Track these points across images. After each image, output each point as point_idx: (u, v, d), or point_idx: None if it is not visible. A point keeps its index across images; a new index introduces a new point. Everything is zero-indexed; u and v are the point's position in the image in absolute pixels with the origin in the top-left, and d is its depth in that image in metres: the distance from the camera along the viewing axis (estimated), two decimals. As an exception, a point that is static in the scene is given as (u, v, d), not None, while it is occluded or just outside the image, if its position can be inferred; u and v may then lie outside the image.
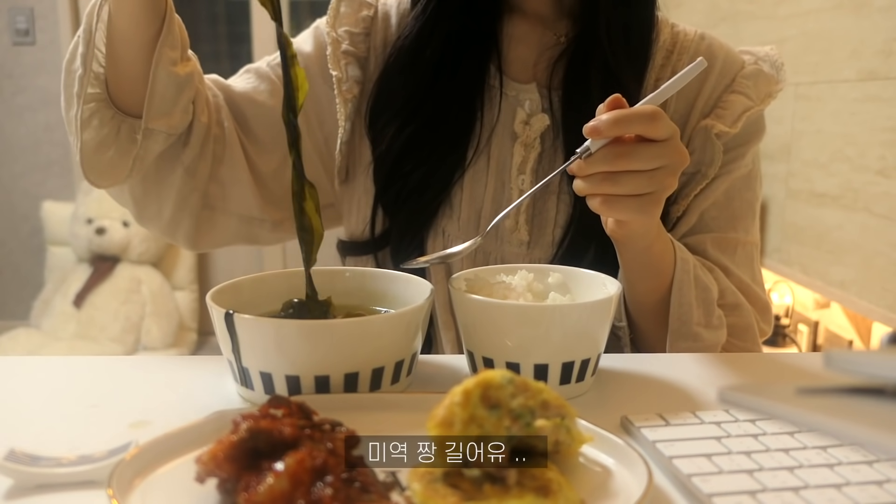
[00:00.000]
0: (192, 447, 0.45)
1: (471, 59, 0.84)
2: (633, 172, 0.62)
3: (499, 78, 0.84)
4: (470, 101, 0.84)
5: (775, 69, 0.85)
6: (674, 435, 0.49)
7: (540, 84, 0.84)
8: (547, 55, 0.84)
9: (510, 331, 0.56)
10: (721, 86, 0.83)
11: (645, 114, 0.61)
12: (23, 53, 3.23)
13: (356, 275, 0.67)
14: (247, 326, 0.53)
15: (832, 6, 1.58)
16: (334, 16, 0.88)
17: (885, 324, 1.46)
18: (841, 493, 0.42)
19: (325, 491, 0.37)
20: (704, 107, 0.82)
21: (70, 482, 0.44)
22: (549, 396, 0.43)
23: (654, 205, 0.64)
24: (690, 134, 0.82)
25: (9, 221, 3.35)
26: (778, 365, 0.70)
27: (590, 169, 0.62)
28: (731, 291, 0.80)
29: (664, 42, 0.84)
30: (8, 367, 0.66)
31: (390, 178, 0.84)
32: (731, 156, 0.82)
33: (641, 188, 0.62)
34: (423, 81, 0.83)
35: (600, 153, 0.62)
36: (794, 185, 1.74)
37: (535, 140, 0.82)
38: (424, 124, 0.82)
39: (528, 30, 0.86)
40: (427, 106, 0.83)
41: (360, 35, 0.87)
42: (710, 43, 0.85)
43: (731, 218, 0.83)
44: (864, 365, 0.32)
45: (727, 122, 0.81)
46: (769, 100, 0.84)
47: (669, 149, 0.62)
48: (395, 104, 0.84)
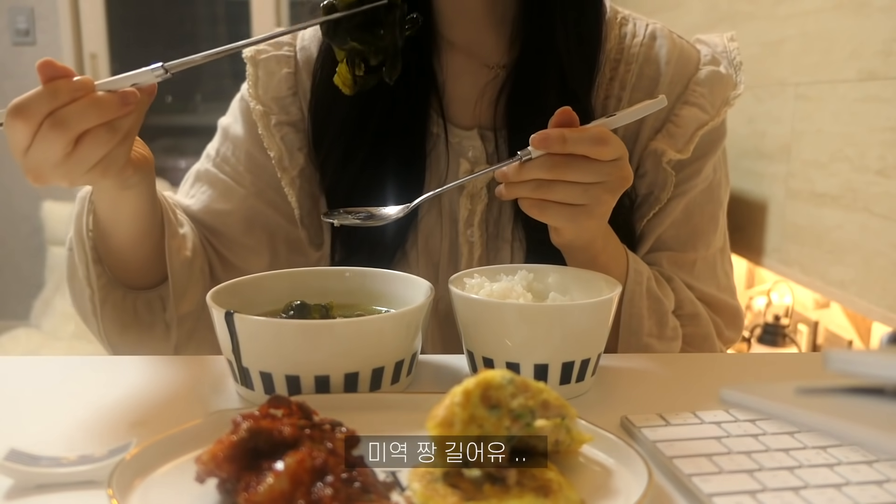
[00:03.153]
0: (192, 447, 0.45)
1: (410, 106, 0.78)
2: (567, 183, 0.62)
3: (442, 125, 0.79)
4: (414, 154, 0.79)
5: (733, 68, 0.81)
6: (674, 435, 0.49)
7: (483, 127, 0.80)
8: (487, 93, 0.79)
9: (510, 331, 0.56)
10: (672, 95, 0.78)
11: (594, 137, 0.61)
12: (23, 53, 3.23)
13: (356, 275, 0.67)
14: (247, 326, 0.53)
15: (832, 6, 1.58)
16: (254, 84, 0.82)
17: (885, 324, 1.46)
18: (841, 493, 0.42)
19: (325, 491, 0.37)
20: (655, 122, 0.79)
21: (70, 482, 0.43)
22: (549, 396, 0.43)
23: (586, 216, 0.64)
24: (641, 154, 0.79)
25: (9, 221, 3.35)
26: (778, 365, 0.70)
27: (526, 174, 0.62)
28: (690, 301, 0.79)
29: (610, 50, 0.79)
30: (8, 367, 0.66)
31: (342, 240, 0.81)
32: (686, 174, 0.79)
33: (574, 199, 0.62)
34: (360, 135, 0.78)
35: (539, 160, 0.62)
36: (794, 185, 1.74)
37: (482, 190, 0.79)
38: (369, 182, 0.77)
39: (465, 65, 0.81)
40: (369, 160, 0.78)
41: (287, 97, 0.82)
42: (660, 45, 0.80)
43: (691, 235, 0.81)
44: (864, 365, 0.32)
45: (679, 145, 0.77)
46: (726, 108, 0.79)
47: (612, 168, 0.62)
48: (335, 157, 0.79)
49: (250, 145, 0.83)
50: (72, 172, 0.56)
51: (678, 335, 0.77)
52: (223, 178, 0.83)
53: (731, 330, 0.83)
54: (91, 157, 0.55)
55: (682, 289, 0.79)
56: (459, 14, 0.80)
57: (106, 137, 0.55)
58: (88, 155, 0.55)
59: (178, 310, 0.75)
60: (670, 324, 0.76)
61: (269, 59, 0.83)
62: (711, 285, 0.82)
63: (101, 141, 0.55)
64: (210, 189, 0.83)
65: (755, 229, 1.88)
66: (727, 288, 0.84)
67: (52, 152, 0.54)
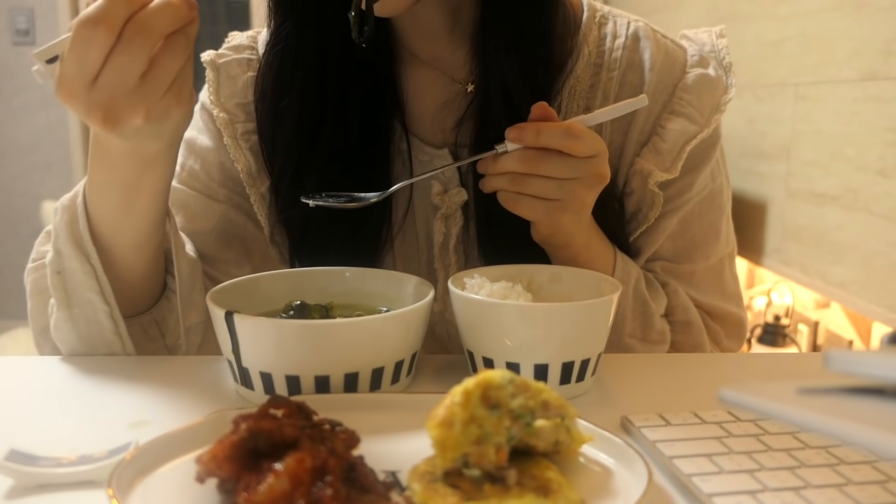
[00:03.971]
0: (192, 447, 0.45)
1: (372, 120, 0.73)
2: (542, 177, 0.62)
3: (405, 140, 0.75)
4: (380, 172, 0.75)
5: (723, 69, 0.76)
6: (674, 435, 0.49)
7: (451, 144, 0.75)
8: (452, 111, 0.74)
9: (510, 331, 0.56)
10: (658, 105, 0.74)
11: (567, 131, 0.61)
12: (23, 53, 3.24)
13: (356, 275, 0.67)
14: (247, 326, 0.53)
15: (832, 6, 1.58)
16: (215, 90, 0.76)
17: (885, 324, 1.46)
18: (842, 493, 0.42)
19: (325, 491, 0.37)
20: (640, 134, 0.74)
21: (70, 482, 0.43)
22: (549, 396, 0.43)
23: (560, 211, 0.64)
24: (627, 172, 0.75)
25: (9, 221, 3.35)
26: (778, 365, 0.70)
27: (500, 167, 0.63)
28: (683, 309, 0.77)
29: (589, 54, 0.74)
30: (8, 367, 0.66)
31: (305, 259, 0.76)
32: (676, 189, 0.75)
33: (548, 193, 0.63)
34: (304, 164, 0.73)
35: (514, 154, 0.63)
36: (794, 185, 1.74)
37: (457, 212, 0.75)
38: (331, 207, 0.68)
39: (430, 79, 0.76)
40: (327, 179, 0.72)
41: (252, 103, 0.76)
42: (644, 47, 0.74)
43: (688, 247, 0.78)
44: (864, 365, 0.32)
45: (666, 163, 0.73)
46: (716, 117, 0.74)
47: (587, 164, 0.62)
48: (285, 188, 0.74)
49: (222, 156, 0.78)
50: (149, 97, 0.50)
51: (665, 339, 0.76)
52: (194, 194, 0.77)
53: (732, 339, 0.82)
54: (169, 71, 0.50)
55: (678, 295, 0.77)
56: (418, 30, 0.76)
57: (182, 44, 0.50)
58: (168, 68, 0.50)
59: (184, 320, 0.68)
60: (656, 327, 0.74)
61: (230, 63, 0.78)
62: (715, 294, 0.80)
63: (179, 49, 0.50)
64: (182, 210, 0.77)
65: (755, 229, 1.88)
66: (733, 296, 0.82)
67: (133, 68, 0.48)
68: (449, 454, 0.40)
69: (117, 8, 0.47)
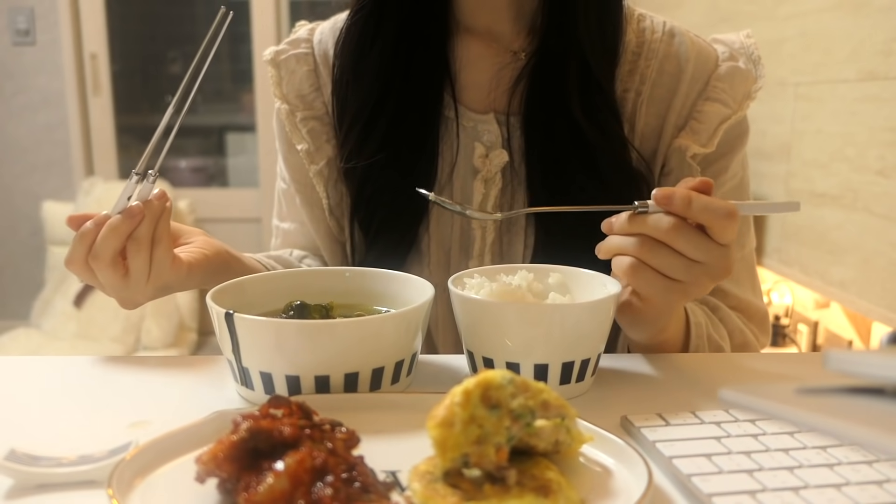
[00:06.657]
0: (192, 447, 0.45)
1: (423, 90, 0.80)
2: (674, 252, 0.57)
3: (454, 108, 0.80)
4: (427, 137, 0.80)
5: (752, 63, 0.79)
6: (674, 435, 0.49)
7: (498, 111, 0.80)
8: (504, 78, 0.80)
9: (510, 331, 0.56)
10: (694, 92, 0.78)
11: (725, 209, 0.56)
12: (23, 53, 3.23)
13: (356, 275, 0.67)
14: (247, 326, 0.53)
15: (832, 6, 1.58)
16: (277, 84, 0.85)
17: (885, 324, 1.46)
18: (841, 493, 0.42)
19: (325, 491, 0.37)
20: (678, 119, 0.78)
21: (70, 482, 0.44)
22: (549, 396, 0.43)
23: (678, 294, 0.59)
24: (665, 152, 0.78)
25: (9, 221, 3.35)
26: (778, 365, 0.70)
27: (635, 228, 0.58)
28: (739, 331, 0.78)
29: (629, 42, 0.79)
30: (8, 367, 0.66)
31: (359, 221, 0.83)
32: (713, 171, 0.78)
33: (674, 272, 0.57)
34: (373, 119, 0.79)
35: (655, 216, 0.57)
36: (794, 185, 1.74)
37: (496, 175, 0.79)
38: (384, 165, 0.79)
39: (483, 50, 0.81)
40: (382, 144, 0.79)
41: (310, 94, 0.84)
42: (680, 42, 0.79)
43: None
44: (864, 365, 0.32)
45: (703, 140, 0.76)
46: (748, 102, 0.78)
47: (721, 252, 0.57)
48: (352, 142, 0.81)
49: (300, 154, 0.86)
50: (137, 286, 0.64)
51: None
52: (294, 194, 0.87)
53: (763, 335, 0.82)
54: (138, 268, 0.63)
55: (729, 318, 0.78)
56: (481, 3, 0.81)
57: (133, 249, 0.63)
58: (135, 267, 0.63)
59: None
60: None
61: (289, 59, 0.85)
62: (748, 288, 0.81)
63: (133, 253, 0.63)
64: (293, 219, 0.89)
65: (755, 229, 1.88)
66: (758, 289, 0.83)
67: (112, 279, 0.63)
68: (449, 454, 0.40)
69: (78, 251, 0.63)
